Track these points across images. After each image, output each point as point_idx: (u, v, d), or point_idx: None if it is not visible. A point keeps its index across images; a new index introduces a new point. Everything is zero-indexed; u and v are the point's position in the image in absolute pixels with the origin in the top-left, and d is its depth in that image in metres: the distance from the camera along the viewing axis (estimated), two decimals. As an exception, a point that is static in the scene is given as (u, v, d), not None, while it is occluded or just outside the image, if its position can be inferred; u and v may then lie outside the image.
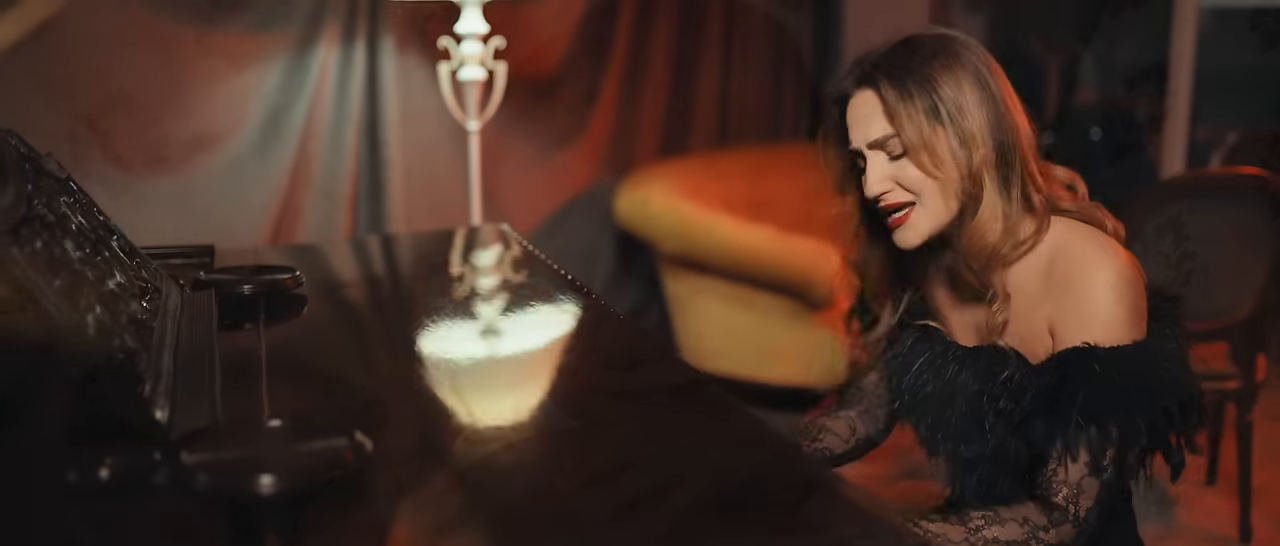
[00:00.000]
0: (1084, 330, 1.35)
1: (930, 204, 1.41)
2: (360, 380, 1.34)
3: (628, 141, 4.37)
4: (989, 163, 1.39)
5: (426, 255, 2.06)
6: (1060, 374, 1.35)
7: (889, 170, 1.42)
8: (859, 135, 1.43)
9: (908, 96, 1.39)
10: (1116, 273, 1.36)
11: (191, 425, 1.01)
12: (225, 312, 1.46)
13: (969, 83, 1.40)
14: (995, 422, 1.42)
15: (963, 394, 1.46)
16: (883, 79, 1.41)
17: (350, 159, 3.42)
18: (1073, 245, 1.40)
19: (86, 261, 1.15)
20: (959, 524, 1.32)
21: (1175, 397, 1.34)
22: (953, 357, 1.50)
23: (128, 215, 1.58)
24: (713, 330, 3.85)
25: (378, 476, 0.95)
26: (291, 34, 3.27)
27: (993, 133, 1.39)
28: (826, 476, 0.97)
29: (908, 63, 1.41)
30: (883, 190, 1.42)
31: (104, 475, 0.92)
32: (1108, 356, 1.32)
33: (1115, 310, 1.34)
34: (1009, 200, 1.41)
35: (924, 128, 1.39)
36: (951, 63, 1.40)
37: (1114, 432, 1.32)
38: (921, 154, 1.39)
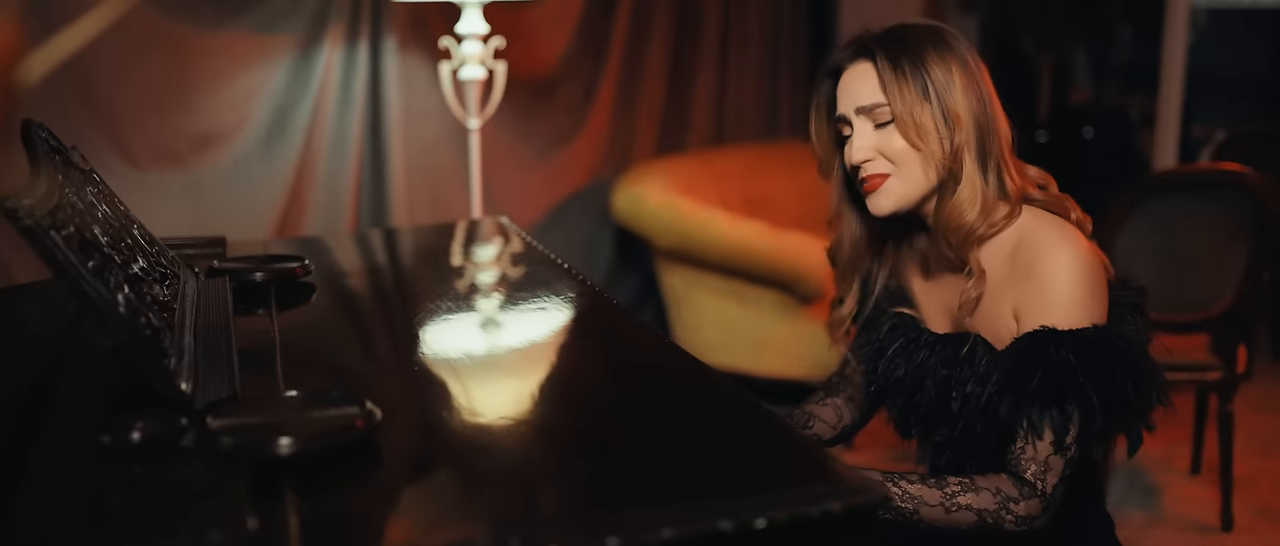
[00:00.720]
0: (1045, 313, 1.42)
1: (907, 174, 1.49)
2: (365, 359, 1.42)
3: (625, 140, 4.43)
4: (970, 143, 1.47)
5: (428, 247, 2.14)
6: (1022, 356, 1.42)
7: (873, 140, 1.49)
8: (849, 101, 1.51)
9: (901, 70, 1.47)
10: (1076, 259, 1.43)
11: (213, 396, 1.09)
12: (238, 298, 1.54)
13: (957, 68, 1.48)
14: (962, 405, 1.49)
15: (932, 378, 1.54)
16: (879, 52, 1.49)
17: (354, 155, 3.47)
18: (1036, 232, 1.47)
19: (113, 246, 1.23)
20: (936, 487, 1.40)
21: (1132, 379, 1.41)
22: (924, 343, 1.58)
23: (140, 209, 1.63)
24: (707, 323, 3.92)
25: (384, 444, 1.03)
26: (297, 35, 3.32)
27: (975, 117, 1.47)
28: (799, 439, 1.05)
29: (903, 41, 1.49)
30: (865, 158, 1.50)
31: (135, 438, 1.00)
32: (1067, 339, 1.39)
33: (1074, 295, 1.41)
34: (985, 182, 1.48)
35: (913, 100, 1.46)
36: (943, 49, 1.49)
37: (1074, 412, 1.39)
38: (908, 123, 1.47)
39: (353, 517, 0.91)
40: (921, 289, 1.64)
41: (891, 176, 1.50)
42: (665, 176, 4.08)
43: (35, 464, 0.98)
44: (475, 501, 0.96)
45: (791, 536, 0.89)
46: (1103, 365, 1.39)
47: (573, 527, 0.85)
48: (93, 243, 1.13)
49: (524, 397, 1.22)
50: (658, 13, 4.47)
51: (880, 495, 0.90)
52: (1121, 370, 1.40)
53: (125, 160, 3.06)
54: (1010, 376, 1.43)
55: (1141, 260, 3.02)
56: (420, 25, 3.54)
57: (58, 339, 1.30)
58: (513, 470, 1.02)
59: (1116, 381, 1.39)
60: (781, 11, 5.14)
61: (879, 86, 1.49)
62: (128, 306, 1.09)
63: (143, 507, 0.92)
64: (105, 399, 1.08)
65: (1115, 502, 3.31)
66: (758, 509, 0.87)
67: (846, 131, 1.53)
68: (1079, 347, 1.39)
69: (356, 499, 0.95)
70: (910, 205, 1.52)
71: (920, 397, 1.56)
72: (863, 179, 1.52)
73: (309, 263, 1.68)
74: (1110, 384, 1.39)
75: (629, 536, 0.85)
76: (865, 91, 1.50)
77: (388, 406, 1.06)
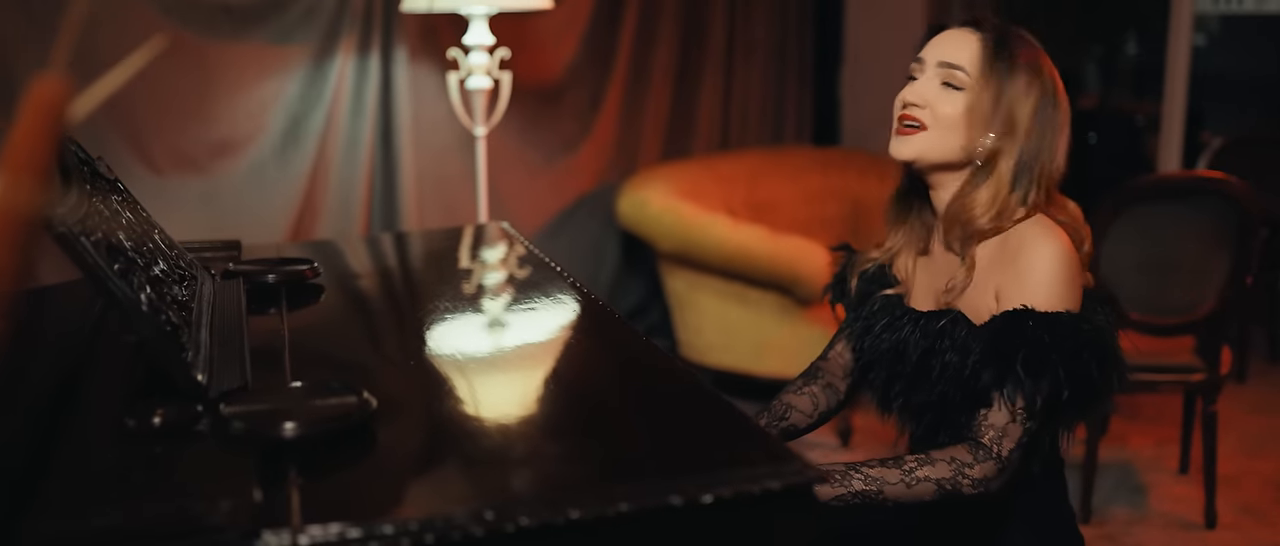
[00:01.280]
0: (1024, 295, 1.54)
1: (939, 137, 1.60)
2: (367, 354, 1.53)
3: (632, 146, 4.53)
4: (1011, 153, 1.58)
5: (433, 250, 2.25)
6: (1004, 331, 1.53)
7: (933, 93, 1.60)
8: (937, 52, 1.61)
9: (999, 57, 1.57)
10: (1058, 250, 1.54)
11: (226, 386, 1.21)
12: (251, 298, 1.65)
13: (1037, 92, 1.59)
14: (940, 372, 1.60)
15: (914, 350, 1.65)
16: (991, 32, 1.60)
17: (365, 162, 3.59)
18: (1025, 226, 1.59)
19: (136, 250, 1.35)
20: (895, 467, 1.51)
21: (1097, 362, 1.52)
22: (908, 320, 1.69)
23: (160, 214, 1.74)
24: (709, 325, 4.02)
25: (379, 430, 1.14)
26: (311, 46, 3.44)
27: (1030, 136, 1.58)
28: (751, 426, 1.16)
29: (1014, 41, 1.60)
30: (915, 103, 1.61)
31: (156, 422, 1.11)
32: (1041, 319, 1.51)
33: (1053, 281, 1.53)
34: (1011, 193, 1.60)
35: (988, 86, 1.57)
36: (1038, 73, 1.59)
37: (1041, 385, 1.50)
38: (971, 97, 1.57)
39: (348, 492, 1.03)
40: (915, 266, 1.75)
41: (927, 129, 1.60)
42: (669, 181, 4.18)
43: (67, 445, 1.09)
44: (459, 480, 1.08)
45: (737, 511, 1.00)
46: (1072, 346, 1.50)
47: (541, 502, 0.96)
48: (118, 247, 1.25)
49: (510, 390, 1.33)
50: (664, 21, 4.56)
51: (816, 476, 1.01)
52: (1088, 352, 1.51)
53: (147, 167, 3.18)
54: (992, 348, 1.53)
55: (1126, 265, 3.11)
56: (430, 36, 3.65)
57: (84, 334, 1.42)
58: (494, 453, 1.13)
59: (1083, 361, 1.50)
60: (787, 19, 5.22)
61: (974, 56, 1.58)
62: (150, 305, 1.21)
63: (163, 481, 1.03)
64: (129, 388, 1.20)
65: (1103, 500, 3.40)
66: (706, 486, 0.98)
67: (916, 74, 1.64)
68: (1052, 328, 1.51)
69: (351, 476, 1.07)
70: (925, 163, 1.62)
71: (902, 368, 1.67)
72: (901, 119, 1.63)
73: (317, 265, 1.80)
74: (1077, 363, 1.50)
75: (590, 509, 0.96)
76: (958, 52, 1.59)
77: (385, 396, 1.17)
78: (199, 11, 3.21)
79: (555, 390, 1.33)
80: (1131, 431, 3.99)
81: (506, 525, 0.93)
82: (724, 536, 1.00)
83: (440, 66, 3.61)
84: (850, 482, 1.50)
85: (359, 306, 1.80)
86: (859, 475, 1.50)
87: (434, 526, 0.92)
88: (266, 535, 0.90)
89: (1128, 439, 3.93)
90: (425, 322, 1.66)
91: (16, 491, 0.94)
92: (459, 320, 1.65)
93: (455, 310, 1.71)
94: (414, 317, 1.72)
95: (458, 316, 1.67)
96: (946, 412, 1.61)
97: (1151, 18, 6.60)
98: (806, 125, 5.32)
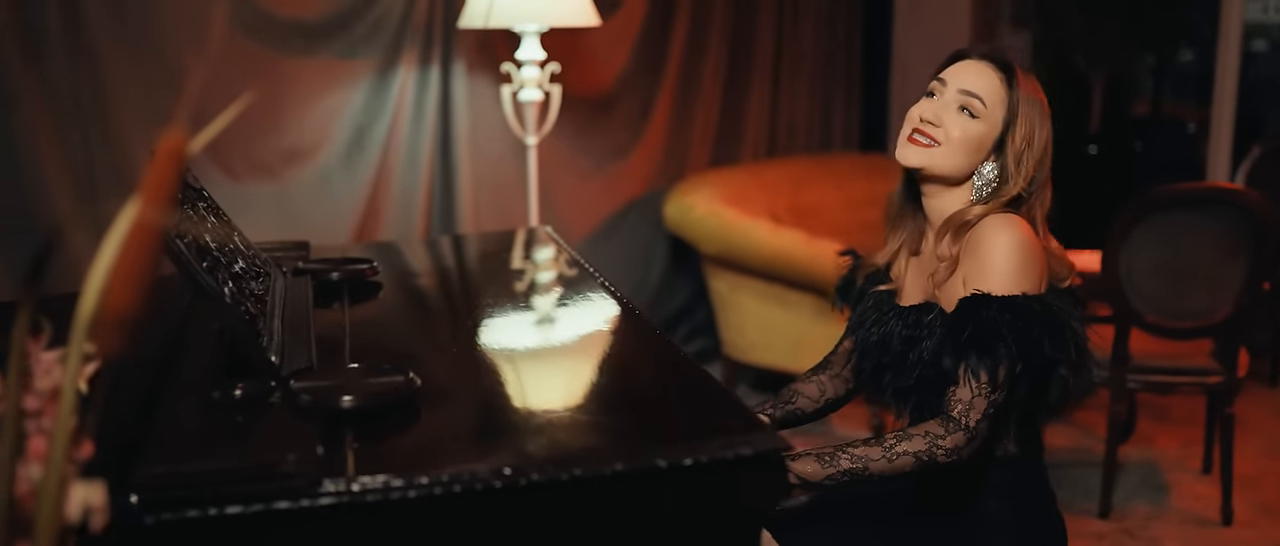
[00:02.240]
0: (982, 281, 1.72)
1: (949, 155, 1.78)
2: (417, 341, 1.75)
3: (680, 153, 4.69)
4: (1014, 187, 1.77)
5: (476, 251, 2.47)
6: (960, 315, 1.71)
7: (949, 115, 1.78)
8: (959, 80, 1.79)
9: (1017, 98, 1.77)
10: (1013, 239, 1.71)
11: (295, 366, 1.43)
12: (318, 293, 1.88)
13: (1041, 135, 1.79)
14: (917, 360, 1.79)
15: (897, 341, 1.84)
16: (1013, 72, 1.79)
17: (425, 169, 3.79)
18: (986, 220, 1.76)
19: (220, 250, 1.58)
20: (877, 445, 1.70)
21: (1049, 336, 1.69)
22: (893, 314, 1.88)
23: (236, 216, 1.95)
24: (750, 325, 4.20)
25: (423, 404, 1.35)
26: (375, 61, 3.65)
27: (1036, 176, 1.78)
28: (735, 403, 1.36)
29: (1030, 84, 1.80)
30: (932, 121, 1.79)
31: (237, 395, 1.34)
32: (997, 302, 1.69)
33: (1008, 267, 1.70)
34: (1009, 207, 1.78)
35: (1002, 119, 1.77)
36: (1046, 118, 1.80)
37: (999, 360, 1.67)
38: (984, 126, 1.77)
39: (394, 452, 1.24)
40: (908, 266, 1.93)
41: (938, 146, 1.78)
42: (715, 187, 4.35)
43: (166, 413, 1.32)
44: (486, 445, 1.29)
45: (715, 473, 1.20)
46: (1024, 324, 1.67)
47: (550, 462, 1.17)
48: (205, 247, 1.48)
49: (536, 373, 1.53)
50: (713, 33, 4.71)
51: (783, 446, 1.21)
52: (1040, 329, 1.68)
53: (226, 173, 3.42)
54: (950, 331, 1.72)
55: (1145, 271, 3.24)
56: (486, 51, 3.87)
57: (177, 322, 1.65)
58: (517, 424, 1.34)
59: (1034, 338, 1.67)
60: (835, 31, 5.36)
61: (992, 90, 1.77)
62: (232, 297, 1.43)
63: (243, 441, 1.25)
64: (215, 367, 1.43)
65: (1125, 497, 3.53)
66: (688, 451, 1.18)
67: (936, 92, 1.81)
68: (1006, 309, 1.68)
69: (397, 440, 1.28)
70: (932, 174, 1.80)
71: (887, 357, 1.86)
72: (915, 131, 1.80)
73: (376, 264, 2.02)
74: (1028, 340, 1.67)
75: (589, 469, 1.16)
76: (978, 83, 1.78)
77: (429, 377, 1.38)
78: (273, 29, 3.45)
79: (576, 374, 1.54)
80: (1159, 433, 4.11)
81: (520, 479, 1.14)
82: (703, 492, 1.20)
83: (495, 79, 3.82)
84: (838, 462, 1.69)
85: (412, 300, 2.02)
86: (845, 455, 1.69)
87: (461, 479, 1.13)
88: (326, 482, 1.11)
89: (1155, 440, 4.05)
90: (468, 315, 1.87)
91: (127, 447, 1.16)
92: (499, 314, 1.87)
93: (496, 305, 1.93)
94: (457, 311, 1.94)
95: (498, 311, 1.89)
96: (926, 395, 1.79)
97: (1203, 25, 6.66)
98: (854, 133, 5.47)
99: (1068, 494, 3.56)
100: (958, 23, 5.85)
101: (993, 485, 1.83)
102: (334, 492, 1.10)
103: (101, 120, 3.13)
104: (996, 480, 1.82)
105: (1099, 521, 3.38)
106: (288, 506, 1.09)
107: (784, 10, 5.06)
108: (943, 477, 1.73)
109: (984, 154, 1.79)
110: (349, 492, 1.11)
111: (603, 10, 3.84)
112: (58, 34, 3.02)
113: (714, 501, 1.21)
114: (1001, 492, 1.83)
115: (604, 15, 3.89)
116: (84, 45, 3.08)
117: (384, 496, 1.11)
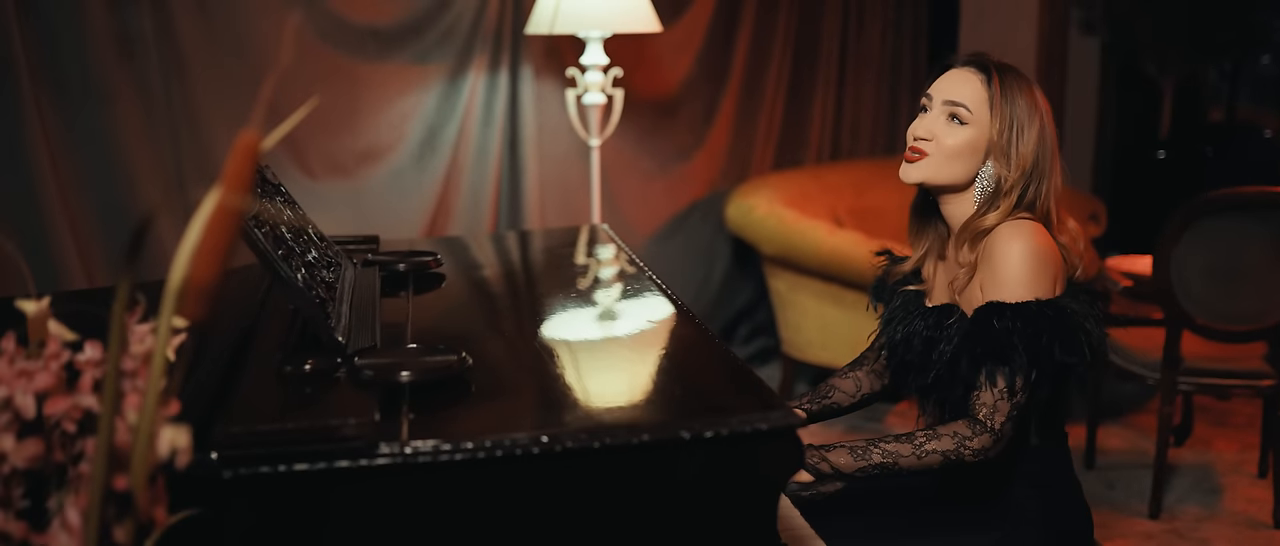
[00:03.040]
0: (997, 289, 1.80)
1: (944, 162, 1.86)
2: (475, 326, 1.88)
3: (743, 155, 4.80)
4: (1016, 183, 1.85)
5: (534, 246, 2.61)
6: (975, 324, 1.80)
7: (940, 127, 1.86)
8: (944, 91, 1.88)
9: (1005, 97, 1.85)
10: (1025, 247, 1.79)
11: (360, 346, 1.57)
12: (384, 283, 2.02)
13: (1037, 121, 1.86)
14: (936, 360, 1.88)
15: (919, 340, 1.93)
16: (995, 74, 1.87)
17: (493, 169, 3.95)
18: (1000, 228, 1.84)
19: (294, 240, 1.72)
20: (907, 442, 1.80)
21: (1060, 341, 1.76)
22: (918, 314, 1.97)
23: (313, 213, 2.09)
24: (808, 323, 4.29)
25: (475, 381, 1.48)
26: (447, 65, 3.81)
27: (1034, 163, 1.85)
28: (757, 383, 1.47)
29: (1014, 77, 1.88)
30: (923, 136, 1.88)
31: (307, 369, 1.48)
32: (1011, 310, 1.77)
33: (1020, 276, 1.78)
34: (1016, 210, 1.86)
35: (990, 120, 1.85)
36: (1035, 107, 1.87)
37: (1015, 367, 1.76)
38: (974, 131, 1.84)
39: (444, 421, 1.37)
40: (937, 269, 2.02)
41: (930, 156, 1.87)
42: (776, 189, 4.45)
43: (242, 384, 1.47)
44: (528, 416, 1.41)
45: (736, 445, 1.31)
46: (1034, 332, 1.76)
47: (583, 432, 1.29)
48: (281, 237, 1.62)
49: (580, 354, 1.66)
50: (777, 40, 4.81)
51: (797, 421, 1.32)
52: (1049, 335, 1.76)
53: (303, 171, 3.61)
54: (966, 339, 1.81)
55: (1196, 274, 3.28)
56: (553, 55, 4.01)
57: (255, 305, 1.80)
58: (558, 398, 1.47)
59: (1044, 345, 1.76)
60: (902, 33, 5.42)
61: (975, 95, 1.85)
62: (304, 282, 1.58)
63: (310, 408, 1.39)
64: (288, 344, 1.57)
65: (1177, 499, 3.56)
66: (709, 424, 1.30)
67: (926, 107, 1.90)
68: (1018, 316, 1.77)
69: (448, 411, 1.41)
70: (932, 185, 1.89)
71: (911, 356, 1.95)
72: (909, 148, 1.89)
73: (440, 257, 2.16)
74: (1038, 346, 1.76)
75: (618, 439, 1.28)
76: (961, 91, 1.87)
77: (481, 358, 1.51)
78: (350, 36, 3.63)
79: (616, 357, 1.66)
80: (1217, 436, 4.12)
81: (555, 446, 1.26)
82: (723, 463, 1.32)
83: (561, 84, 3.96)
84: (870, 456, 1.80)
85: (472, 289, 2.16)
86: (877, 449, 1.80)
87: (502, 445, 1.26)
88: (382, 445, 1.24)
89: (1212, 443, 4.06)
90: (522, 303, 2.01)
91: (209, 410, 1.31)
92: (552, 303, 1.99)
93: (550, 295, 2.06)
94: (512, 299, 2.08)
95: (551, 300, 2.02)
96: (945, 395, 1.88)
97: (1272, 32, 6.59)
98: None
99: (1121, 494, 3.61)
100: (1024, 27, 5.86)
101: (1019, 474, 1.91)
102: (388, 454, 1.23)
103: (188, 118, 3.33)
104: (1022, 469, 1.91)
105: (1148, 521, 3.42)
106: (347, 465, 1.22)
107: (849, 15, 5.13)
108: (970, 467, 1.82)
109: (981, 156, 1.86)
110: (402, 455, 1.24)
111: (668, 18, 3.96)
112: (150, 37, 3.22)
113: (733, 472, 1.33)
114: (1027, 481, 1.91)
115: (669, 23, 4.01)
116: (174, 48, 3.28)
117: (433, 458, 1.24)
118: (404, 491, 1.26)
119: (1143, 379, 3.53)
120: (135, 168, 3.23)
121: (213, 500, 1.16)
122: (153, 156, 3.28)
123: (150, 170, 3.26)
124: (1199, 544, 3.29)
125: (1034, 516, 1.91)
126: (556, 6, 3.52)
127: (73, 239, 3.09)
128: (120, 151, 3.20)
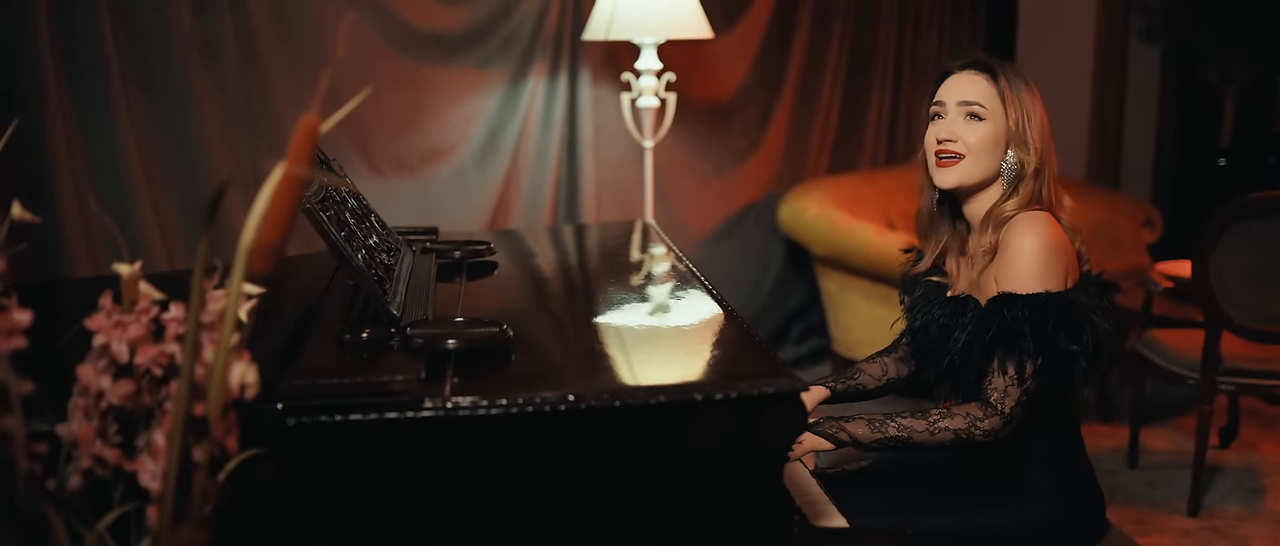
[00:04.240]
0: (1008, 281, 1.92)
1: (975, 161, 1.98)
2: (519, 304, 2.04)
3: (798, 159, 4.91)
4: (1032, 166, 1.98)
5: (586, 239, 2.76)
6: (988, 314, 1.92)
7: (960, 128, 1.99)
8: (954, 94, 2.00)
9: (1014, 90, 1.99)
10: (1038, 240, 1.91)
11: (412, 319, 1.73)
12: (441, 270, 2.18)
13: (1039, 108, 2.00)
14: (950, 347, 1.99)
15: (937, 327, 2.05)
16: (999, 70, 2.01)
17: (552, 170, 4.12)
18: (1015, 221, 1.96)
19: (358, 225, 1.89)
20: (922, 418, 1.92)
21: (1066, 331, 1.88)
22: (938, 303, 2.09)
23: (379, 207, 2.26)
24: (857, 322, 4.39)
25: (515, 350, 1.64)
26: (508, 70, 3.99)
27: (1041, 149, 1.99)
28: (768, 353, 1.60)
29: (1013, 72, 2.01)
30: (949, 138, 1.99)
31: (364, 337, 1.64)
32: (1021, 301, 1.89)
33: (1031, 268, 1.90)
34: (1034, 191, 1.98)
35: (1005, 113, 1.98)
36: (1034, 96, 2.01)
37: (1025, 357, 1.88)
38: (992, 125, 1.97)
39: (483, 382, 1.52)
40: (955, 263, 2.14)
41: (964, 157, 1.99)
42: (828, 192, 4.56)
43: (308, 350, 1.64)
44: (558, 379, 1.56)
45: (743, 406, 1.45)
46: (1041, 321, 1.87)
47: (606, 392, 1.44)
48: (344, 222, 1.79)
49: (611, 330, 1.81)
50: (832, 47, 4.91)
51: (801, 386, 1.45)
52: (1055, 325, 1.87)
53: (371, 169, 3.80)
54: (979, 328, 1.92)
55: (1235, 275, 3.34)
56: (610, 61, 4.17)
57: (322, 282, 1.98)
58: (588, 364, 1.62)
59: (1049, 333, 1.87)
60: (958, 43, 5.47)
61: (986, 92, 1.98)
62: (364, 262, 1.74)
63: (368, 369, 1.56)
64: (348, 316, 1.74)
65: (1218, 498, 3.61)
66: (719, 387, 1.44)
67: (940, 114, 2.02)
68: (1028, 307, 1.88)
69: (488, 375, 1.56)
70: (968, 185, 2.00)
71: (929, 342, 2.07)
72: (940, 154, 2.00)
73: (493, 246, 2.32)
74: (1044, 335, 1.87)
75: (636, 399, 1.43)
76: (972, 91, 1.99)
77: (522, 331, 1.67)
78: (415, 41, 3.82)
79: (645, 332, 1.81)
80: (1263, 439, 4.16)
81: (580, 405, 1.41)
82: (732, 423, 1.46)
83: (618, 88, 4.12)
84: (887, 429, 1.92)
85: (521, 274, 2.32)
86: (894, 423, 1.92)
87: (533, 402, 1.41)
88: (426, 400, 1.40)
89: (1258, 445, 4.10)
90: (563, 287, 2.16)
91: (276, 368, 1.48)
92: (593, 287, 2.15)
93: (593, 281, 2.21)
94: (556, 284, 2.23)
95: (593, 285, 2.17)
96: (960, 380, 1.99)
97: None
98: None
99: (1161, 493, 3.67)
100: (1082, 35, 5.90)
101: (1032, 454, 2.02)
102: (432, 408, 1.39)
103: (266, 118, 3.55)
104: (1033, 450, 2.02)
105: (1187, 519, 3.48)
106: (396, 416, 1.38)
107: (905, 22, 5.22)
108: (985, 446, 1.93)
109: (1002, 147, 1.98)
110: (444, 409, 1.39)
111: (723, 25, 4.09)
112: (231, 42, 3.44)
113: (741, 432, 1.47)
114: (1040, 462, 2.02)
115: (724, 30, 4.14)
116: (253, 52, 3.50)
117: (472, 413, 1.40)
118: (446, 442, 1.41)
119: (1184, 380, 3.58)
120: (215, 161, 3.45)
121: (278, 445, 1.33)
122: (231, 151, 3.50)
123: (229, 163, 3.49)
124: (1237, 541, 3.34)
125: (1047, 491, 2.02)
126: (612, 14, 3.68)
127: (158, 227, 3.33)
128: (201, 147, 3.43)
